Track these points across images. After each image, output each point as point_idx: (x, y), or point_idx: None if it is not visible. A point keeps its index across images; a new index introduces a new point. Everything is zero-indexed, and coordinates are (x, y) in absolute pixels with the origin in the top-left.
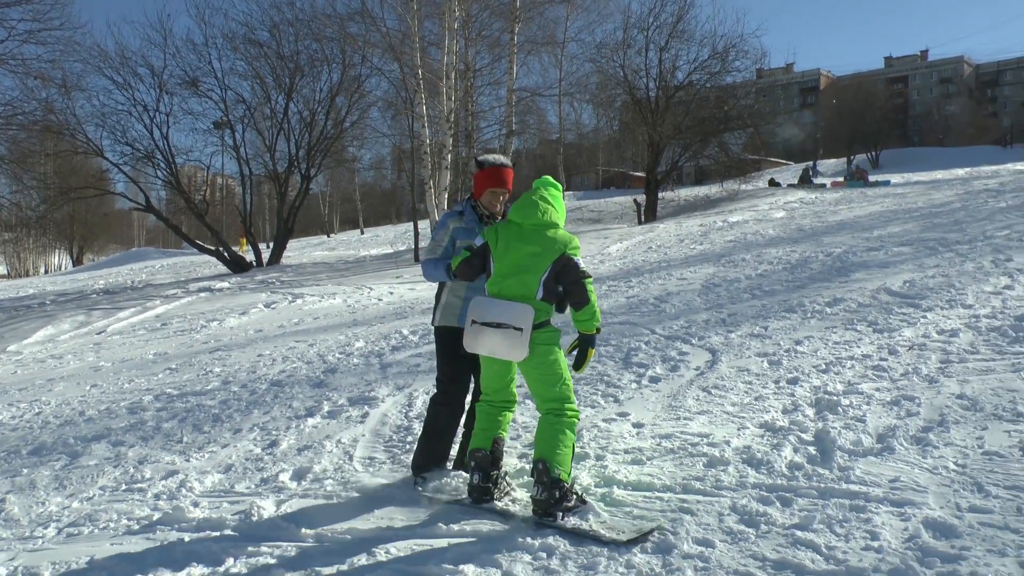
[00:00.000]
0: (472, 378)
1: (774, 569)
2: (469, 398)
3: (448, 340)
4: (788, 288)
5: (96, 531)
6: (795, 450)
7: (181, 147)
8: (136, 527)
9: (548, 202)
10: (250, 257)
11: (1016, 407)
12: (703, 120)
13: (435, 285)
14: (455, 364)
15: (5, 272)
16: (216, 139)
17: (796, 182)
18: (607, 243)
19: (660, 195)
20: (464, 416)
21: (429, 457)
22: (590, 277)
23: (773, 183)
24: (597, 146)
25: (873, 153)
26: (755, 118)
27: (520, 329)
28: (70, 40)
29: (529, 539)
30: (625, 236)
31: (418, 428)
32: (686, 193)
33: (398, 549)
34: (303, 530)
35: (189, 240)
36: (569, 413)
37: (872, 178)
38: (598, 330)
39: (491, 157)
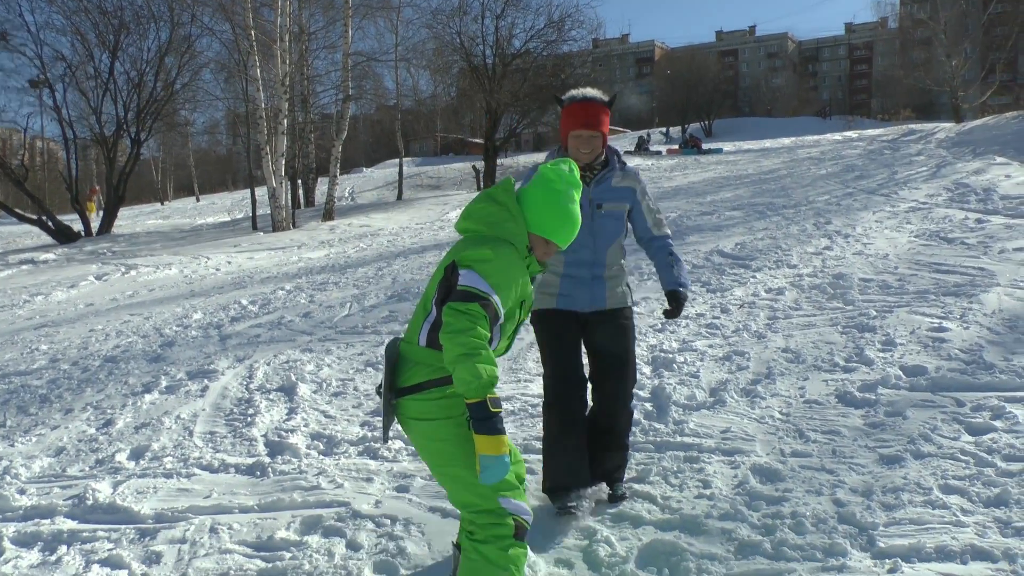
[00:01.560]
0: (589, 370)
1: (612, 522)
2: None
3: (546, 326)
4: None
5: None
6: (644, 415)
7: None
8: None
9: (487, 200)
10: (78, 227)
11: (833, 358)
12: (541, 88)
13: None
14: (558, 353)
15: None
16: (33, 99)
17: (633, 149)
18: (446, 209)
19: (499, 161)
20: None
21: (558, 476)
22: (475, 301)
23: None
24: (435, 112)
25: (706, 122)
26: (592, 87)
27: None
28: None
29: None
30: (464, 202)
31: (260, 399)
32: (525, 159)
33: (241, 524)
34: (142, 511)
35: (8, 209)
36: (495, 534)
37: (705, 146)
38: (490, 405)
39: (578, 91)
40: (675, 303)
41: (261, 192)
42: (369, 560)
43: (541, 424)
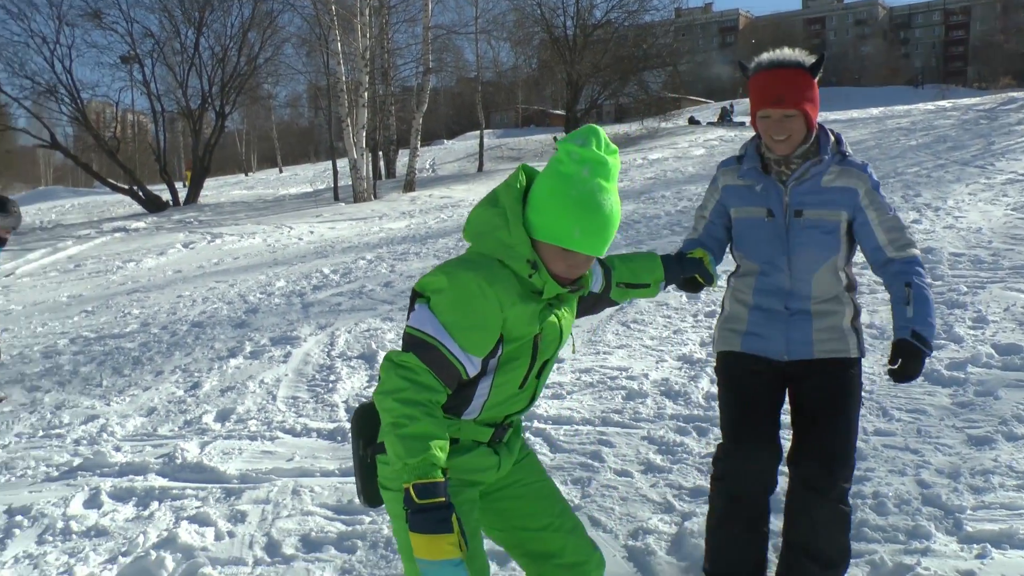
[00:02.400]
0: (776, 441)
1: (690, 497)
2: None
3: (726, 375)
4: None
5: (13, 479)
6: (712, 381)
7: (86, 82)
8: (55, 473)
9: (486, 202)
10: (166, 196)
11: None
12: (622, 59)
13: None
14: (735, 414)
15: None
16: (124, 74)
17: (716, 120)
18: None
19: None
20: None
21: (719, 563)
22: (412, 350)
23: (693, 121)
24: (516, 84)
25: None
26: (674, 57)
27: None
28: None
29: None
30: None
31: (341, 366)
32: (606, 131)
33: (322, 488)
34: (228, 471)
35: (101, 179)
36: None
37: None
38: (415, 496)
39: (768, 54)
40: (905, 357)
41: (343, 164)
42: None
43: (619, 397)
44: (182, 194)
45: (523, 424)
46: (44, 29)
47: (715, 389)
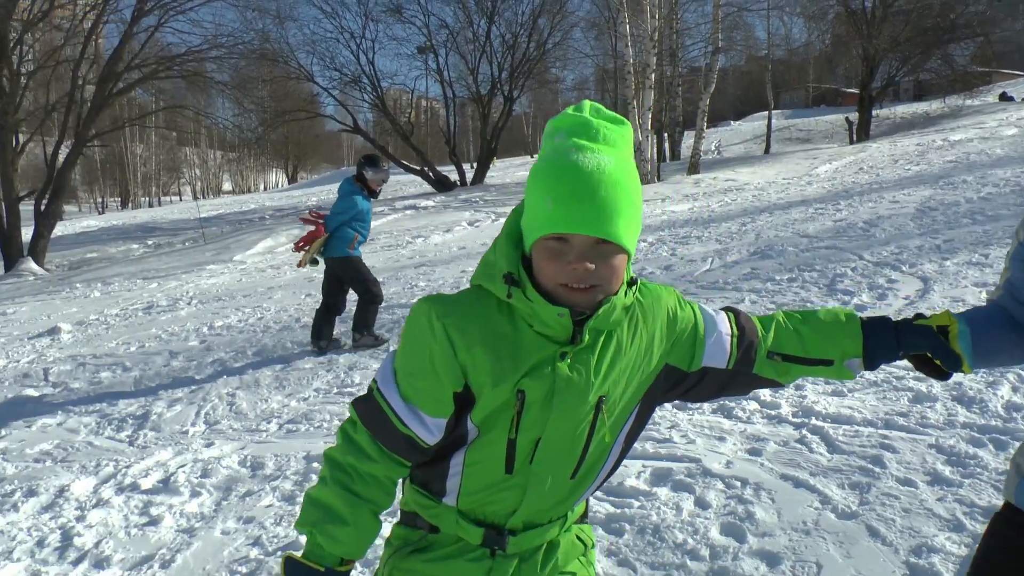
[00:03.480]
0: None
1: (983, 517)
2: None
3: (988, 542)
4: (1016, 213)
5: (311, 429)
6: (1014, 389)
7: (386, 71)
8: None
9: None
10: (454, 177)
11: None
12: (925, 31)
13: None
14: None
15: (230, 188)
16: (420, 63)
17: None
18: (815, 164)
19: (874, 112)
20: None
21: None
22: (355, 404)
23: (1005, 97)
24: (807, 62)
25: None
26: (987, 26)
27: None
28: None
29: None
30: (835, 156)
31: None
32: (903, 110)
33: None
34: None
35: (395, 160)
36: None
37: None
38: (286, 567)
39: None
40: None
41: None
42: (716, 520)
43: (905, 399)
44: (469, 175)
45: (802, 420)
46: (352, 25)
47: (1018, 399)
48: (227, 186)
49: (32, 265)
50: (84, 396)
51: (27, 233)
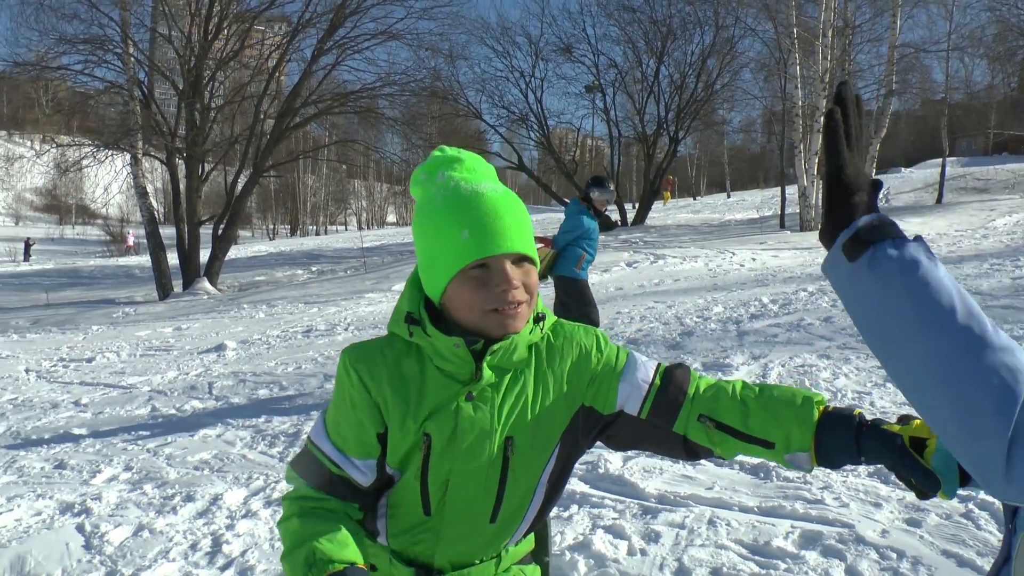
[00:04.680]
0: None
1: None
2: None
3: None
4: None
5: None
6: None
7: (553, 110)
8: None
9: None
10: (615, 216)
11: None
12: None
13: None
14: None
15: (394, 220)
16: (587, 102)
17: None
18: (993, 216)
19: None
20: None
21: None
22: (291, 475)
23: None
24: (989, 106)
25: None
26: None
27: None
28: (457, 15)
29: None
30: (1016, 208)
31: None
32: None
33: (739, 523)
34: (647, 489)
35: (557, 198)
36: None
37: None
38: None
39: None
40: None
41: (791, 190)
42: None
43: None
44: (631, 215)
45: None
46: (522, 64)
47: None
48: (391, 218)
49: (207, 285)
50: (242, 411)
51: (204, 255)
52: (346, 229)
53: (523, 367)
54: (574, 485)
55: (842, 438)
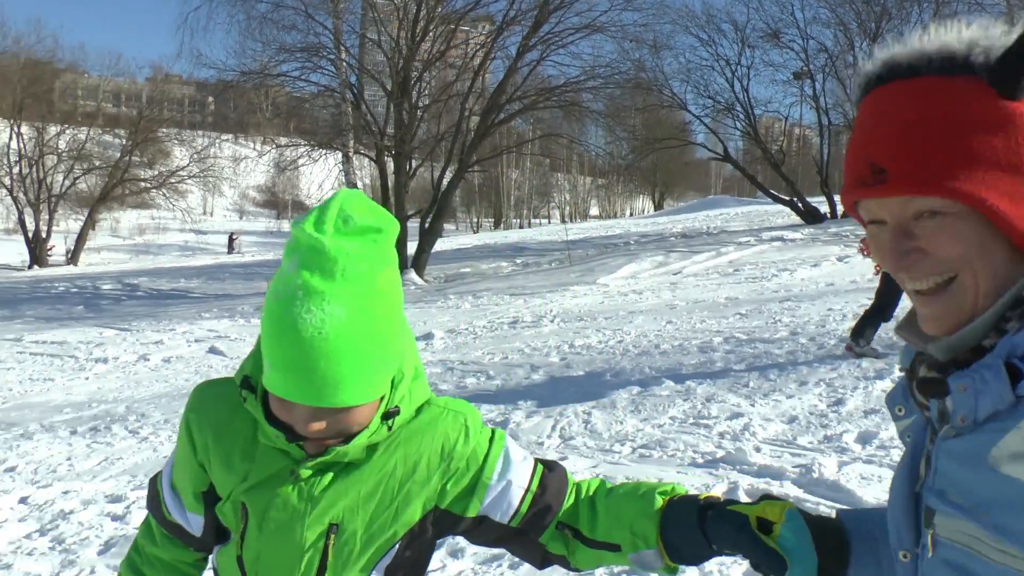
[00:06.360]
0: None
1: None
2: None
3: None
4: None
5: (664, 456)
6: None
7: (760, 98)
8: (700, 460)
9: None
10: (824, 209)
11: None
12: None
13: None
14: None
15: (597, 213)
16: (795, 89)
17: None
18: None
19: None
20: None
21: None
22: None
23: None
24: None
25: None
26: None
27: None
28: (661, 4)
29: None
30: None
31: None
32: None
33: None
34: (864, 497)
35: (764, 189)
36: None
37: None
38: None
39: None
40: None
41: None
42: None
43: None
44: (840, 208)
45: None
46: (728, 52)
47: None
48: (594, 211)
49: (414, 276)
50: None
51: (411, 247)
52: (549, 222)
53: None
54: (787, 488)
55: (688, 529)
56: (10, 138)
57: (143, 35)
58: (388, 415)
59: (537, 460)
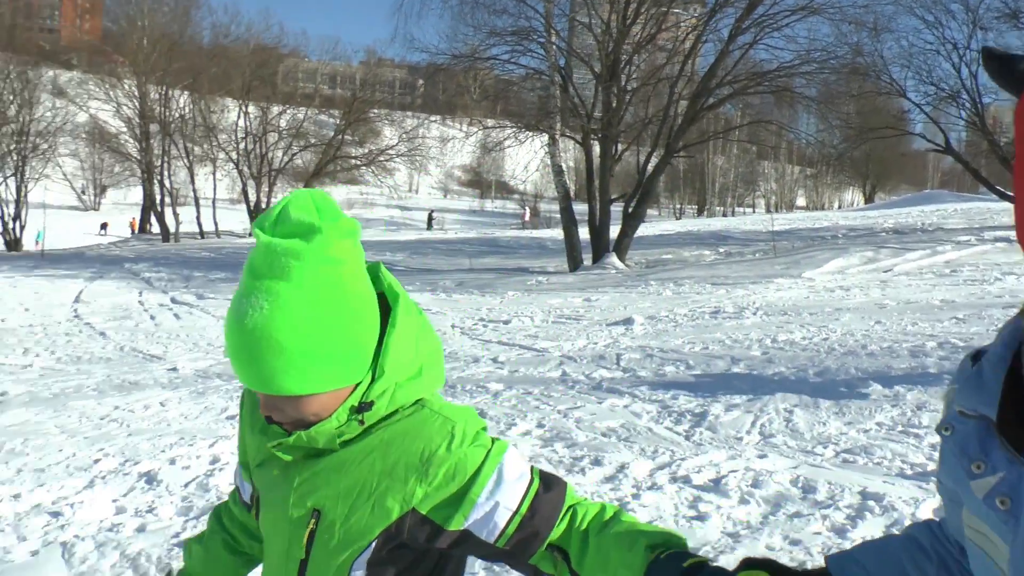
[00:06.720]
0: None
1: None
2: None
3: None
4: None
5: (870, 463)
6: None
7: (989, 86)
8: (909, 472)
9: None
10: None
11: None
12: None
13: None
14: None
15: (803, 204)
16: None
17: None
18: None
19: None
20: None
21: None
22: None
23: None
24: None
25: None
26: None
27: None
28: None
29: None
30: None
31: None
32: None
33: None
34: None
35: (988, 185)
36: None
37: None
38: None
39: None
40: None
41: None
42: None
43: None
44: None
45: None
46: (956, 35)
47: None
48: (801, 201)
49: (615, 260)
50: (649, 385)
51: (613, 231)
52: (753, 211)
53: (344, 444)
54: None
55: None
56: (238, 116)
57: (360, 21)
58: (360, 409)
59: (535, 478)
